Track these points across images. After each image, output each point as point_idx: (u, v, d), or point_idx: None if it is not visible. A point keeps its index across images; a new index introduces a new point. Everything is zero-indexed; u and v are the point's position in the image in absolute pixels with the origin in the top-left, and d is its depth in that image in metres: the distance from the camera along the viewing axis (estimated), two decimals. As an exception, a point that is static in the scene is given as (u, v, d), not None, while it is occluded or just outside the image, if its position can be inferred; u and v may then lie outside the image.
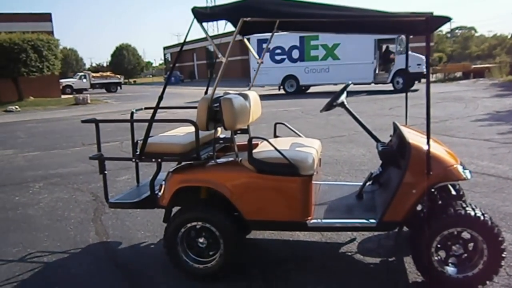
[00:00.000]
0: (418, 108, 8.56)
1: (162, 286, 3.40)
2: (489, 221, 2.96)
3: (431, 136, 3.00)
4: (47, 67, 25.99)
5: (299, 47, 22.42)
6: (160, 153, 3.46)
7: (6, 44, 23.57)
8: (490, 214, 3.05)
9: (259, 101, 4.11)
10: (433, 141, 3.42)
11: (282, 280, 3.39)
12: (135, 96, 30.26)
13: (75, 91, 38.40)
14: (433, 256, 3.06)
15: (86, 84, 40.46)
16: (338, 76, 21.52)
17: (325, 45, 21.94)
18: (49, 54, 25.86)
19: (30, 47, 24.44)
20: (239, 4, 3.04)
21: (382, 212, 3.17)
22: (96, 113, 18.97)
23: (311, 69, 22.43)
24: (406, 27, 3.62)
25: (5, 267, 3.88)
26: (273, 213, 3.29)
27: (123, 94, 36.40)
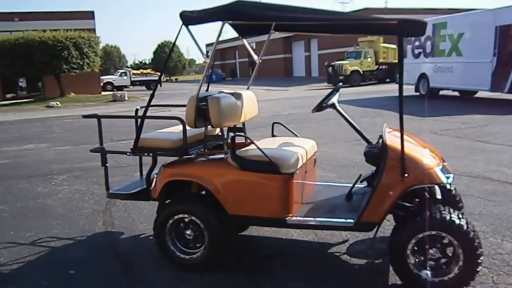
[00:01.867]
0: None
1: (149, 273, 3.60)
2: (464, 226, 2.98)
3: (419, 139, 3.03)
4: (87, 64, 26.95)
5: (431, 37, 17.12)
6: (152, 147, 3.68)
7: (50, 41, 24.65)
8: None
9: (255, 101, 4.25)
10: (416, 143, 3.46)
11: (264, 274, 3.51)
12: (173, 94, 30.91)
13: (116, 88, 39.74)
14: (409, 258, 3.11)
15: (127, 81, 41.70)
16: (458, 79, 15.90)
17: (451, 36, 16.19)
18: (89, 51, 26.82)
19: (72, 45, 25.46)
20: (222, 8, 3.20)
21: (360, 213, 3.24)
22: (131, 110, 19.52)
23: (439, 67, 16.94)
24: (388, 29, 3.67)
25: (16, 249, 4.20)
26: (254, 209, 3.43)
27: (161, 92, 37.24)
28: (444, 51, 16.56)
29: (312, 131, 3.83)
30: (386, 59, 28.89)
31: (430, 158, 3.23)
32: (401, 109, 3.04)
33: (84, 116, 4.14)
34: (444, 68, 16.58)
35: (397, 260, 3.14)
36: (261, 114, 5.51)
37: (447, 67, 16.40)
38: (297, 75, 49.52)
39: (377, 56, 28.81)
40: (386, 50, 28.94)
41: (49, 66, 25.20)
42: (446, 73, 16.48)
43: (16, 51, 24.38)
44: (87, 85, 31.57)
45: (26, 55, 24.37)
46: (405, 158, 3.10)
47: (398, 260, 3.13)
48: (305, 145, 3.91)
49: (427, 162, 3.15)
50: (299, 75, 48.70)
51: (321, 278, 3.44)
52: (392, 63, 28.77)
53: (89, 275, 3.62)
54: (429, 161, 3.17)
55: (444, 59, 16.51)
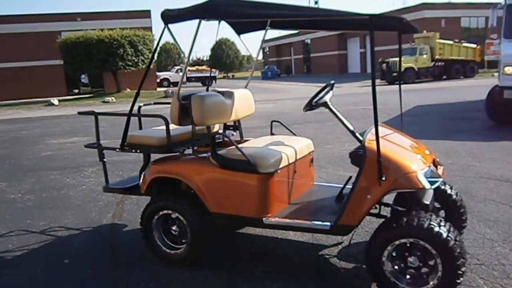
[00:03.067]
0: None
1: (136, 266, 3.70)
2: (444, 234, 2.81)
3: (412, 140, 2.88)
4: (142, 61, 27.96)
5: None
6: (140, 144, 3.80)
7: (107, 40, 25.83)
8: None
9: (251, 100, 4.23)
10: (402, 145, 3.30)
11: (246, 273, 3.50)
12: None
13: (172, 84, 40.97)
14: (385, 265, 2.98)
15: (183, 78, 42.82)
16: None
17: None
18: (144, 49, 27.80)
19: (127, 43, 26.54)
20: (199, 6, 3.24)
21: (338, 216, 3.15)
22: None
23: None
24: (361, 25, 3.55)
25: (25, 237, 4.47)
26: (233, 208, 3.43)
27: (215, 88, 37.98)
28: None
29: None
30: (443, 55, 27.67)
31: (413, 161, 3.06)
32: (375, 106, 2.92)
33: (80, 113, 4.34)
34: None
35: (373, 266, 3.02)
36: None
37: None
38: (352, 72, 48.65)
39: (433, 52, 27.66)
40: (443, 46, 27.71)
41: (106, 63, 26.40)
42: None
43: (77, 49, 25.78)
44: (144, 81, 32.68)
45: (85, 53, 25.70)
46: (384, 160, 2.97)
47: (374, 267, 3.01)
48: (296, 144, 3.84)
49: (408, 166, 2.99)
50: (354, 72, 47.81)
51: (301, 280, 3.38)
52: (449, 59, 27.51)
53: (81, 264, 3.78)
54: (411, 165, 3.01)
55: None
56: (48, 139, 11.56)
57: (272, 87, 33.29)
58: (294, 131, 4.29)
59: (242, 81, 49.07)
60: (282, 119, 4.58)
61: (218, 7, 3.16)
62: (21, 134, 13.06)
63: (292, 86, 33.74)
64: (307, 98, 3.56)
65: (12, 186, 6.48)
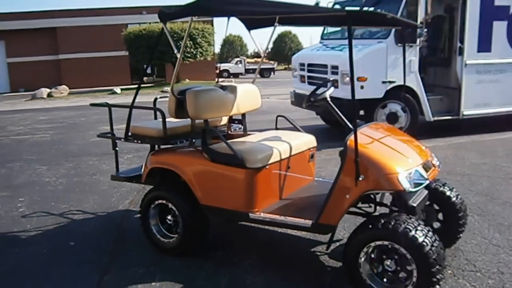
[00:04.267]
0: None
1: (132, 252, 3.86)
2: (420, 239, 2.68)
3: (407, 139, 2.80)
4: (200, 53, 28.58)
5: None
6: (141, 135, 3.94)
7: (167, 32, 26.60)
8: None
9: (256, 94, 4.23)
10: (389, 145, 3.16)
11: (232, 266, 3.54)
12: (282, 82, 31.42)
13: (232, 75, 41.66)
14: (361, 267, 2.90)
15: (241, 69, 43.33)
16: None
17: None
18: (202, 41, 28.40)
19: (187, 35, 27.15)
20: (191, 4, 3.32)
21: (318, 215, 3.09)
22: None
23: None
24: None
25: (44, 218, 4.78)
26: (221, 201, 3.47)
27: (272, 80, 38.18)
28: None
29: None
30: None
31: (396, 162, 2.93)
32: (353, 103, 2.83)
33: (92, 105, 4.54)
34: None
35: (349, 267, 2.95)
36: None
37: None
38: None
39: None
40: None
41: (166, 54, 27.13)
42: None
43: (140, 41, 26.85)
44: (202, 72, 33.58)
45: (147, 45, 26.68)
46: (365, 160, 2.88)
47: (350, 268, 2.94)
48: (294, 140, 3.80)
49: (389, 166, 2.87)
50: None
51: (284, 276, 3.36)
52: None
53: (84, 248, 3.99)
54: (392, 165, 2.89)
55: None
56: (101, 126, 12.11)
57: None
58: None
59: None
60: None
61: (208, 4, 3.22)
62: (79, 120, 13.81)
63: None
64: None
65: (51, 170, 6.91)
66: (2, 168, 7.21)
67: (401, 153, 3.08)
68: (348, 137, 3.04)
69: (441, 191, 3.49)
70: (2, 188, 6.00)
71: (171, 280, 3.34)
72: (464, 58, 8.09)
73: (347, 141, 2.99)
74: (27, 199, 5.46)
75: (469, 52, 8.07)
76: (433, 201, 3.55)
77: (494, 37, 8.19)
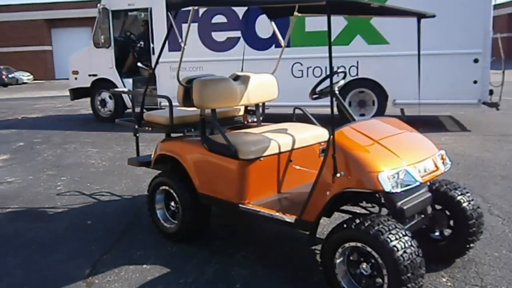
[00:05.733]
0: None
1: (138, 235, 4.01)
2: (391, 243, 2.50)
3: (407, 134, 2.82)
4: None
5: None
6: (152, 122, 4.04)
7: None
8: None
9: (273, 85, 4.15)
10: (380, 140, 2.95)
11: (225, 256, 3.53)
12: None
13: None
14: (336, 268, 2.77)
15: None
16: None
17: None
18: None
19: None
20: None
21: (301, 211, 2.99)
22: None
23: None
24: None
25: (74, 197, 5.11)
26: (216, 191, 3.49)
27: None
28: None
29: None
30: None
31: (380, 161, 2.74)
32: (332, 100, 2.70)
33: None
34: None
35: (325, 266, 2.83)
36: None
37: None
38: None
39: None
40: None
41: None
42: None
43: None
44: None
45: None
46: (348, 156, 2.75)
47: (326, 267, 2.82)
48: (302, 133, 3.69)
49: (371, 164, 2.70)
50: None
51: (271, 271, 3.29)
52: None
53: (97, 227, 4.20)
54: (375, 164, 2.70)
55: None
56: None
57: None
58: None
59: None
60: None
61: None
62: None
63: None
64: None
65: (99, 153, 7.35)
66: (58, 149, 7.80)
67: (392, 151, 2.86)
68: (334, 132, 2.90)
69: (451, 195, 3.21)
70: (51, 167, 6.50)
71: (162, 265, 3.41)
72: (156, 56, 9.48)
73: (331, 135, 2.85)
74: (67, 179, 5.86)
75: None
76: (443, 205, 3.28)
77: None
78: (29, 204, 4.89)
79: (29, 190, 5.40)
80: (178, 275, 3.25)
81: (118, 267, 3.39)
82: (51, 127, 10.47)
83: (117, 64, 10.66)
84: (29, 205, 4.86)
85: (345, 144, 2.80)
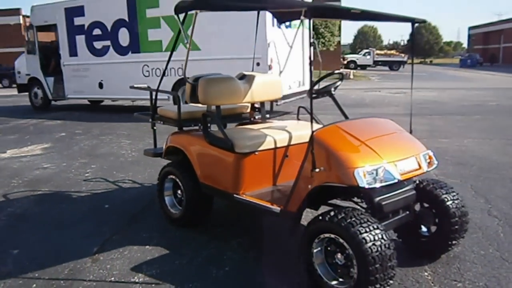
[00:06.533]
0: None
1: (149, 219, 4.32)
2: (360, 234, 2.62)
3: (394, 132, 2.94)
4: (323, 43, 28.49)
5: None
6: (164, 116, 4.32)
7: (289, 22, 27.11)
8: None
9: (278, 85, 4.33)
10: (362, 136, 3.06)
11: (221, 241, 3.75)
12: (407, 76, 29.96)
13: (359, 67, 40.83)
14: (314, 257, 2.91)
15: (369, 61, 42.12)
16: None
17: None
18: (325, 32, 28.28)
19: (307, 25, 27.37)
20: None
21: (285, 202, 3.16)
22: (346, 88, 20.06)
23: None
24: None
25: (98, 183, 5.52)
26: (215, 181, 3.72)
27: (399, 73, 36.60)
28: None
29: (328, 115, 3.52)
30: None
31: (358, 157, 2.86)
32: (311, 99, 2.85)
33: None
34: None
35: (303, 255, 2.98)
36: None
37: None
38: None
39: None
40: None
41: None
42: None
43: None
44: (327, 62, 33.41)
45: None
46: (327, 152, 2.90)
47: (304, 256, 2.97)
48: (300, 131, 3.83)
49: (348, 160, 2.83)
50: None
51: (261, 257, 3.48)
52: None
53: (113, 211, 4.54)
54: (352, 159, 2.83)
55: None
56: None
57: (464, 75, 30.53)
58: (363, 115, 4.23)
59: (437, 67, 46.46)
60: (429, 108, 4.56)
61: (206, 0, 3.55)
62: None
63: (487, 76, 30.20)
64: (490, 89, 3.55)
65: (131, 145, 7.78)
66: (95, 140, 8.32)
67: (373, 149, 2.96)
68: (319, 128, 3.05)
69: (436, 193, 3.27)
70: (84, 156, 6.98)
71: (162, 246, 3.68)
72: (62, 60, 12.98)
73: (313, 132, 3.00)
74: (97, 167, 6.29)
75: (65, 56, 12.91)
76: (429, 203, 3.35)
77: (78, 46, 12.55)
78: (57, 188, 5.34)
79: (60, 176, 5.87)
80: (174, 257, 3.50)
81: (123, 247, 3.69)
82: (93, 119, 11.12)
83: (42, 66, 13.61)
84: (57, 189, 5.30)
85: (327, 141, 2.95)
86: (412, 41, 3.57)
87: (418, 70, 41.52)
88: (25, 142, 8.39)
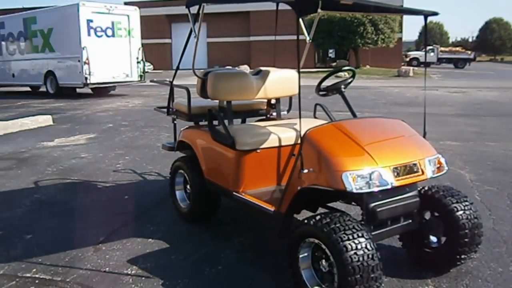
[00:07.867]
0: None
1: (158, 211, 4.37)
2: (342, 242, 2.48)
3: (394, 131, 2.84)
4: (382, 39, 27.70)
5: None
6: (178, 111, 4.35)
7: (348, 18, 26.56)
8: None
9: (292, 81, 4.21)
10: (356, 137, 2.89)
11: (223, 239, 3.72)
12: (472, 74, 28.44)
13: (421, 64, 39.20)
14: (299, 262, 2.81)
15: (433, 58, 40.38)
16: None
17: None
18: (385, 28, 27.45)
19: (368, 21, 26.68)
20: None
21: (278, 203, 3.07)
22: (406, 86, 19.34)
23: None
24: None
25: (126, 174, 5.67)
26: (218, 177, 3.69)
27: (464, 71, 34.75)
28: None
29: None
30: None
31: (349, 160, 2.70)
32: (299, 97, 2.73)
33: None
34: None
35: (289, 258, 2.88)
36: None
37: None
38: None
39: None
40: None
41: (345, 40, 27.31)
42: None
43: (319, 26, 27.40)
44: (387, 59, 32.54)
45: (327, 30, 27.11)
46: (318, 153, 2.77)
47: (290, 259, 2.87)
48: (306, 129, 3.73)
49: (337, 163, 2.68)
50: None
51: (258, 258, 3.42)
52: None
53: (131, 202, 4.65)
54: (341, 162, 2.68)
55: None
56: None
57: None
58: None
59: (509, 66, 43.87)
60: (485, 108, 4.37)
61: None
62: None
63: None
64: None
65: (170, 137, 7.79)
66: (137, 132, 8.58)
67: (368, 152, 2.78)
68: (311, 128, 2.93)
69: (444, 202, 3.03)
70: (121, 147, 7.21)
71: (164, 240, 3.71)
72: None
73: (305, 132, 2.89)
74: (130, 158, 6.48)
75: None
76: (437, 212, 3.12)
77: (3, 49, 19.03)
78: (86, 178, 5.55)
79: (93, 166, 6.10)
80: (172, 252, 3.52)
81: (127, 238, 3.76)
82: (142, 112, 11.47)
83: None
84: (86, 178, 5.52)
85: (319, 141, 2.82)
86: (425, 35, 3.31)
87: (487, 68, 39.28)
88: (73, 132, 8.82)
